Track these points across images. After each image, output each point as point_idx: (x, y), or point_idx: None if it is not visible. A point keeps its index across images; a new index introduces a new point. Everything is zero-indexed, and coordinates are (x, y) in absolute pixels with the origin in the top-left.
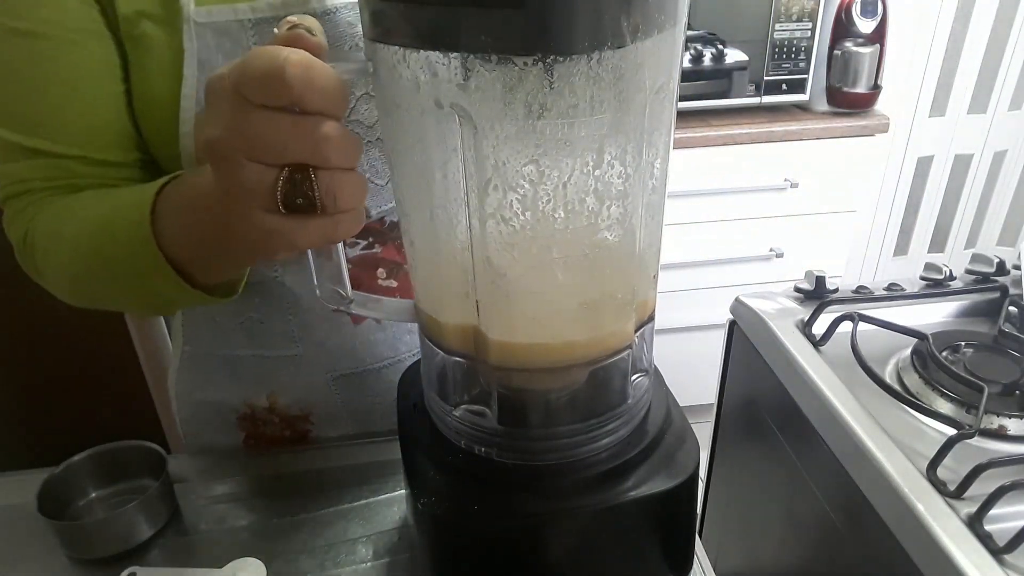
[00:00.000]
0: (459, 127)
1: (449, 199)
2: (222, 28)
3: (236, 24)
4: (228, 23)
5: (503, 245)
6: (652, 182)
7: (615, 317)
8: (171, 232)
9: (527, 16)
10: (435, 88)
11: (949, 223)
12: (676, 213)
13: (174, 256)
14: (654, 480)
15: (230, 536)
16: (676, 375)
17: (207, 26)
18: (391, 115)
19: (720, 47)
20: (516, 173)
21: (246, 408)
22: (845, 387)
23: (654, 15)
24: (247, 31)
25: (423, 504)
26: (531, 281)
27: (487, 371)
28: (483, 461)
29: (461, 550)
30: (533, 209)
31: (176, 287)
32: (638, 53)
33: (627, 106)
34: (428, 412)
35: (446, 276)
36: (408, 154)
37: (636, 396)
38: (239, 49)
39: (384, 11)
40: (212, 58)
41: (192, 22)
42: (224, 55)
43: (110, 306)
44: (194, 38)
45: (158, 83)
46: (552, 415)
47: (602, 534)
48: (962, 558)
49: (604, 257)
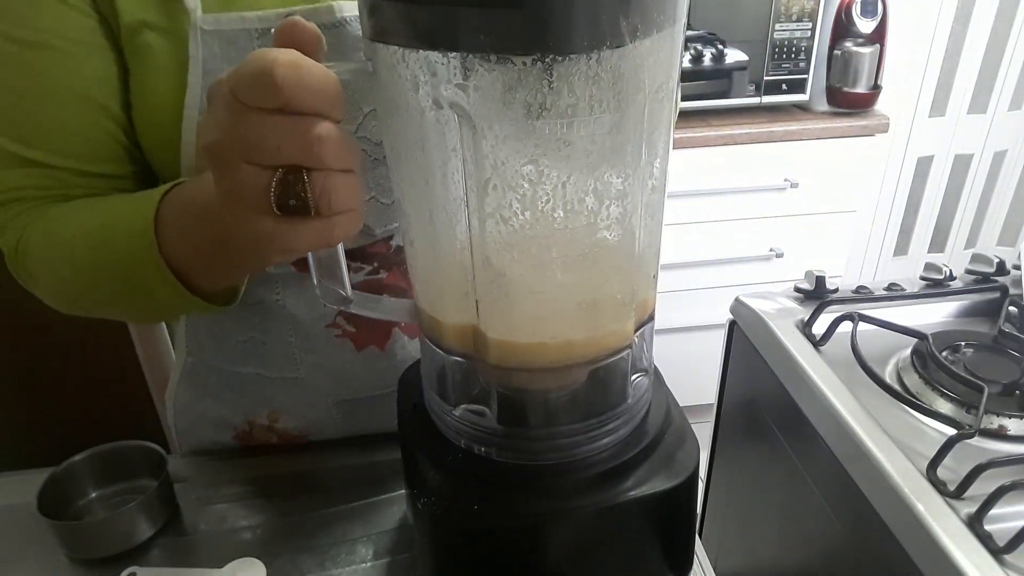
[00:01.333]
0: (458, 127)
1: (448, 199)
2: (229, 37)
3: (243, 33)
4: (235, 32)
5: (502, 245)
6: (652, 182)
7: (615, 317)
8: (173, 239)
9: (526, 15)
10: (434, 88)
11: (949, 223)
12: (676, 213)
13: (175, 263)
14: (654, 480)
15: (230, 536)
16: (676, 375)
17: (214, 34)
18: (391, 115)
19: (720, 47)
20: (515, 173)
21: (245, 425)
22: (845, 387)
23: (653, 15)
24: (254, 40)
25: (423, 504)
26: (531, 281)
27: (487, 371)
28: (483, 461)
29: (461, 550)
30: (532, 209)
31: (176, 294)
32: (637, 53)
33: (626, 106)
34: (428, 412)
35: (446, 276)
36: (407, 154)
37: (636, 396)
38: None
39: (383, 10)
40: (218, 67)
41: (199, 29)
42: (229, 64)
43: (103, 314)
44: (200, 46)
45: (161, 93)
46: (552, 415)
47: (602, 534)
48: (962, 558)
49: (603, 257)
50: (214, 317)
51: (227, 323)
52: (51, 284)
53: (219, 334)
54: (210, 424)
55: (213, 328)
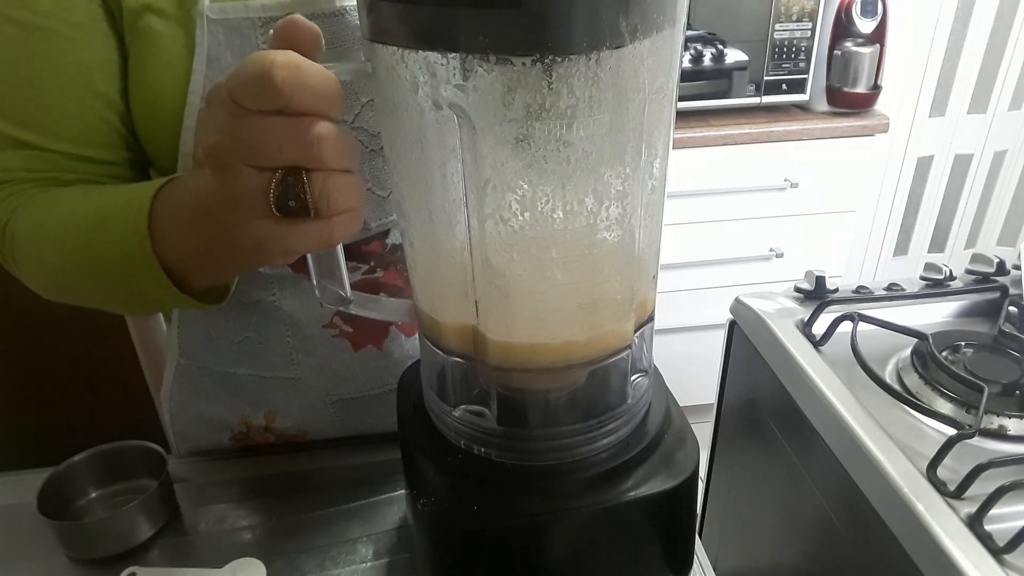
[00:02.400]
0: (457, 127)
1: (448, 199)
2: (233, 25)
3: (247, 21)
4: (240, 20)
5: (502, 245)
6: (651, 182)
7: (614, 317)
8: (167, 236)
9: (525, 16)
10: (434, 89)
11: (949, 223)
12: (676, 213)
13: (168, 260)
14: (654, 480)
15: (230, 536)
16: (676, 375)
17: (219, 23)
18: (390, 115)
19: (720, 47)
20: (514, 174)
21: (242, 426)
22: (845, 387)
23: (652, 15)
24: (257, 28)
25: (423, 504)
26: (530, 281)
27: (486, 371)
28: (483, 461)
29: (461, 551)
30: (532, 209)
31: (166, 291)
32: (636, 53)
33: (626, 106)
34: (428, 412)
35: (445, 276)
36: (407, 154)
37: (636, 396)
38: (248, 47)
39: (382, 11)
40: (222, 55)
41: (206, 18)
42: (233, 53)
43: (87, 303)
44: (206, 34)
45: (163, 79)
46: (551, 415)
47: (602, 534)
48: (962, 558)
49: (603, 258)
50: (208, 318)
51: (222, 324)
52: (37, 270)
53: (213, 335)
54: (206, 426)
55: (207, 329)
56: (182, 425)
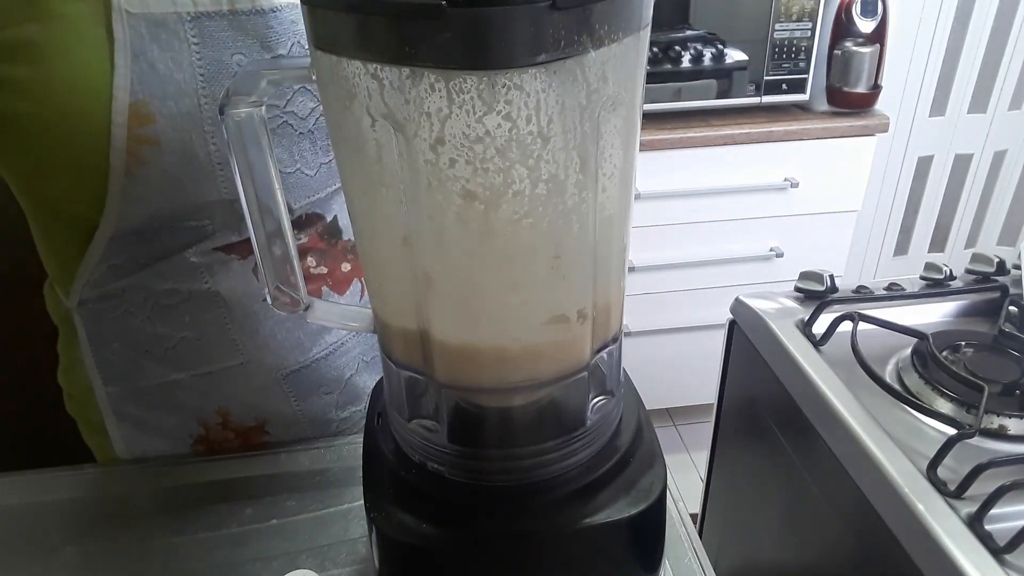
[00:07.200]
0: (394, 136)
1: (388, 204)
2: (158, 20)
3: (174, 16)
4: (165, 15)
5: (438, 256)
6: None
7: (566, 338)
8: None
9: (452, 29)
10: (370, 98)
11: (949, 223)
12: (676, 213)
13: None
14: (616, 506)
15: (230, 536)
16: (676, 375)
17: (140, 17)
18: (332, 121)
19: (720, 47)
20: (454, 184)
21: (201, 429)
22: (845, 387)
23: (596, 28)
24: (185, 23)
25: (373, 517)
26: (475, 300)
27: (435, 386)
28: (436, 478)
29: (409, 567)
30: (471, 221)
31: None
32: (583, 65)
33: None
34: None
35: (391, 286)
36: (349, 160)
37: (597, 419)
38: (176, 42)
39: (320, 19)
40: (147, 49)
41: (124, 12)
42: (160, 47)
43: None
44: (126, 28)
45: (88, 69)
46: (503, 436)
47: (556, 560)
48: (962, 558)
49: (548, 276)
50: (129, 341)
51: (148, 338)
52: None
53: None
54: (162, 439)
55: (126, 352)
56: (139, 450)
